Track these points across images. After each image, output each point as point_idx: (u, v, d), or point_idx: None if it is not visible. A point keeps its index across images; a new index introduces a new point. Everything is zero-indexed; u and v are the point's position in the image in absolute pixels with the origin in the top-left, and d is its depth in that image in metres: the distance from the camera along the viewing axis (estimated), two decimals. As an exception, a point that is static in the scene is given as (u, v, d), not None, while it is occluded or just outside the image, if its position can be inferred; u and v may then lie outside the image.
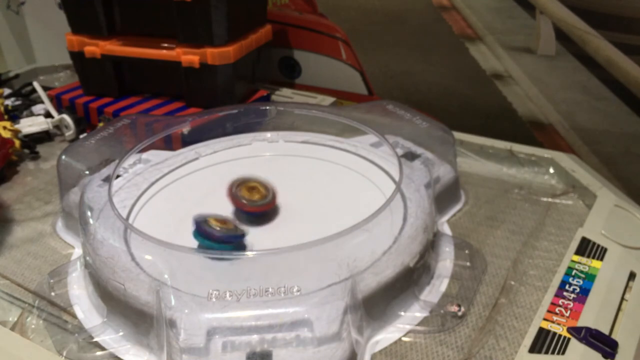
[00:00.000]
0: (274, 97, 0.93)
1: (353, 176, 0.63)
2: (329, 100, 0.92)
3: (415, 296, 0.49)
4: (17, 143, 0.76)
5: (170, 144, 0.69)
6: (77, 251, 0.57)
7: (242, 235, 0.49)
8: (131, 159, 0.63)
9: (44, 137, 0.81)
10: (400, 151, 0.62)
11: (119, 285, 0.45)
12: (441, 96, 1.08)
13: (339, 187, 0.61)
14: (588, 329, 0.45)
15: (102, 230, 0.50)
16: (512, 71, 1.29)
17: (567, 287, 0.50)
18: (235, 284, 0.43)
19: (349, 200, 0.58)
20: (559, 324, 0.46)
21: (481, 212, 0.62)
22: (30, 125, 0.80)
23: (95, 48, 0.82)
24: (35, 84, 0.90)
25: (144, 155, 0.66)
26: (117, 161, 0.59)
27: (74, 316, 0.49)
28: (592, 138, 1.03)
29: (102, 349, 0.45)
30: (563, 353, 0.43)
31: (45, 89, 0.88)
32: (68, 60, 0.88)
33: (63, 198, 0.61)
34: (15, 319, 0.49)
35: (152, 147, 0.65)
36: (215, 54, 0.76)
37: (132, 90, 0.86)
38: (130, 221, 0.55)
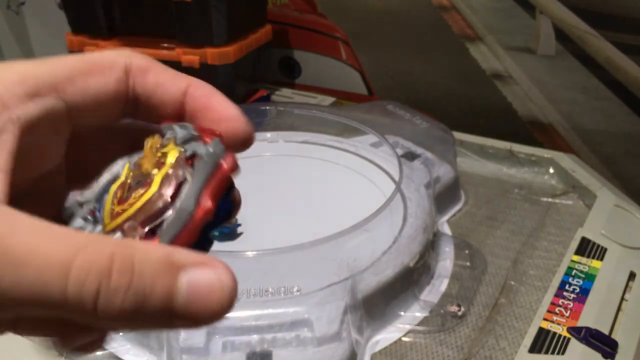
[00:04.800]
0: (274, 97, 0.93)
1: (353, 176, 0.63)
2: (329, 100, 0.92)
3: (415, 296, 0.49)
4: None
5: (170, 144, 0.69)
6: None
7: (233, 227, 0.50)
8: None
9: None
10: (400, 151, 0.62)
11: (119, 285, 0.45)
12: (441, 96, 1.08)
13: (339, 187, 0.62)
14: (588, 329, 0.45)
15: (102, 230, 0.50)
16: (512, 71, 1.29)
17: (567, 287, 0.50)
18: (235, 284, 0.43)
19: (349, 200, 0.58)
20: (559, 324, 0.46)
21: (481, 212, 0.62)
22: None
23: (95, 48, 0.81)
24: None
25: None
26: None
27: (74, 316, 0.49)
28: (592, 138, 1.03)
29: (102, 348, 0.45)
30: (563, 353, 0.43)
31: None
32: (68, 61, 0.88)
33: (63, 198, 0.61)
34: (15, 319, 0.49)
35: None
36: (215, 54, 0.76)
37: (132, 90, 0.86)
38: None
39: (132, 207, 0.18)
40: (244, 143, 0.21)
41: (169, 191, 0.19)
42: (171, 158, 0.19)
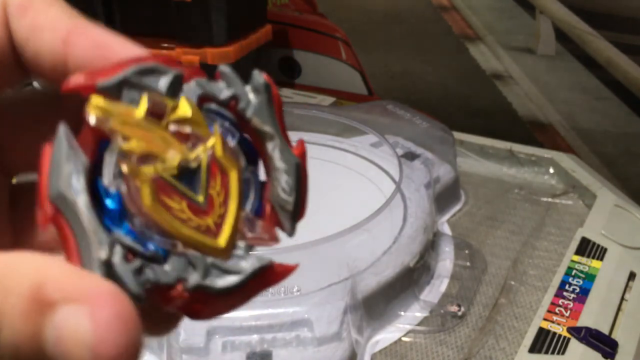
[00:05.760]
0: (274, 97, 0.92)
1: (353, 176, 0.63)
2: (329, 100, 0.92)
3: (415, 296, 0.49)
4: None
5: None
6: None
7: None
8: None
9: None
10: (400, 151, 0.62)
11: (119, 285, 0.45)
12: (441, 96, 1.08)
13: (339, 187, 0.61)
14: (588, 329, 0.45)
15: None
16: (512, 71, 1.29)
17: (567, 287, 0.50)
18: (235, 284, 0.43)
19: (349, 200, 0.58)
20: (558, 324, 0.46)
21: (481, 212, 0.62)
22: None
23: (95, 48, 0.81)
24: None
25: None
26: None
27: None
28: (592, 138, 1.03)
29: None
30: (563, 353, 0.43)
31: (45, 89, 0.88)
32: (68, 60, 0.88)
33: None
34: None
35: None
36: (215, 54, 0.76)
37: (132, 90, 0.86)
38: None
39: (227, 206, 0.14)
40: None
41: (242, 160, 0.14)
42: (199, 125, 0.13)
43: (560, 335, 0.45)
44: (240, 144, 0.14)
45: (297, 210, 0.15)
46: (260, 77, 0.15)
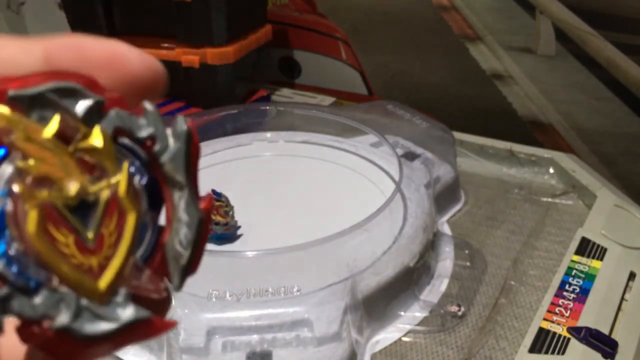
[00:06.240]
0: (274, 97, 0.93)
1: (353, 176, 0.63)
2: (329, 100, 0.92)
3: (415, 296, 0.49)
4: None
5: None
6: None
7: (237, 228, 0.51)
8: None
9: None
10: (400, 151, 0.62)
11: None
12: (441, 96, 1.08)
13: (339, 187, 0.61)
14: (588, 329, 0.45)
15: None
16: (512, 71, 1.29)
17: (567, 287, 0.50)
18: (235, 284, 0.43)
19: (349, 200, 0.58)
20: (558, 324, 0.46)
21: (481, 212, 0.62)
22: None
23: (95, 48, 0.81)
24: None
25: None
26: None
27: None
28: (592, 138, 1.03)
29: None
30: (563, 353, 0.43)
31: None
32: (68, 60, 0.88)
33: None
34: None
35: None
36: (215, 54, 0.76)
37: (132, 90, 0.86)
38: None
39: (117, 249, 0.13)
40: (155, 85, 0.15)
41: (144, 205, 0.14)
42: (108, 158, 0.13)
43: (560, 335, 0.45)
44: (146, 185, 0.14)
45: (190, 266, 0.14)
46: (183, 124, 0.14)
